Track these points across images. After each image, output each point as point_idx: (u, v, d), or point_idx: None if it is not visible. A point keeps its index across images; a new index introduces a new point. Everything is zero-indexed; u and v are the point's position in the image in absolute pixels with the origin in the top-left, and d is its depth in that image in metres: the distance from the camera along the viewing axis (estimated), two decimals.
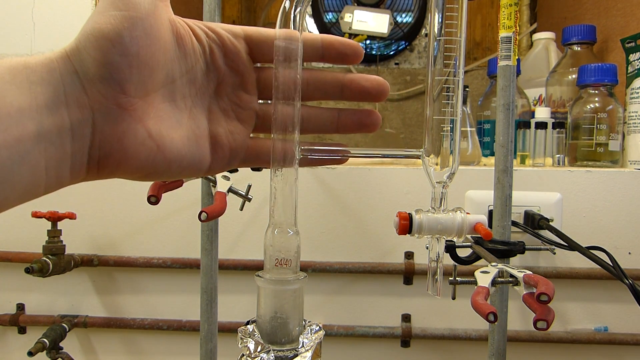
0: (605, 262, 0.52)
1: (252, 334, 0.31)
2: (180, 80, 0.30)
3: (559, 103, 0.98)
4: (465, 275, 0.42)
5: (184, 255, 0.83)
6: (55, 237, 0.77)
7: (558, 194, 0.79)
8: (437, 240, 0.34)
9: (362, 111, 0.34)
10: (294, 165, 0.31)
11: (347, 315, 0.84)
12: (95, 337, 0.87)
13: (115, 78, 0.25)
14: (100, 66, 0.25)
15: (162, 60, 0.28)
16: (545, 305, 0.30)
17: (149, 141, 0.27)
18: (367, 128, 0.34)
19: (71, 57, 0.25)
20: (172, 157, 0.29)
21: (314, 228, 0.83)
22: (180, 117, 0.30)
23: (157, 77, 0.28)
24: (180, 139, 0.29)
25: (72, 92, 0.25)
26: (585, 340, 0.80)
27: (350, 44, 0.32)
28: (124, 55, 0.25)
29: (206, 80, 0.31)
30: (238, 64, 0.31)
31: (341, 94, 0.33)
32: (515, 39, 0.56)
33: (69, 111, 0.25)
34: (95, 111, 0.26)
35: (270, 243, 0.31)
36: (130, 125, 0.27)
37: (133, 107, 0.27)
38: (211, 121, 0.31)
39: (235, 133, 0.32)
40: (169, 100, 0.29)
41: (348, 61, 0.32)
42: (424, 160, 0.34)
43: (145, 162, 0.28)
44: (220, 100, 0.32)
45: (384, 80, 0.33)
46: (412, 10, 1.33)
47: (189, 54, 0.29)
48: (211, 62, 0.31)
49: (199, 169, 0.31)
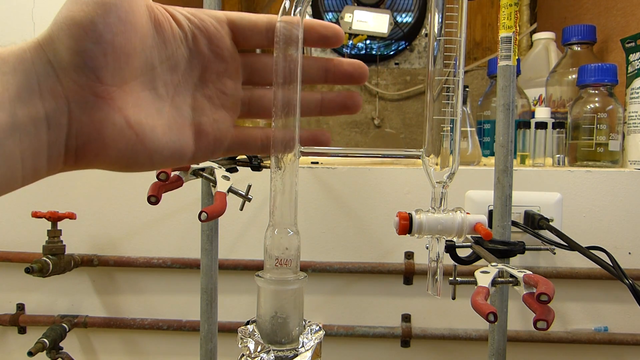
0: (605, 262, 0.52)
1: (252, 334, 0.31)
2: (161, 67, 0.29)
3: (559, 103, 0.98)
4: (465, 275, 0.42)
5: (184, 255, 0.83)
6: (55, 237, 0.77)
7: (558, 194, 0.79)
8: (437, 240, 0.34)
9: (345, 93, 0.34)
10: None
11: (347, 315, 0.84)
12: (95, 337, 0.87)
13: (89, 66, 0.25)
14: (73, 54, 0.25)
15: (140, 47, 0.27)
16: (545, 305, 0.30)
17: (128, 130, 0.27)
18: (349, 109, 0.34)
19: (44, 46, 0.25)
20: (153, 146, 0.28)
21: (314, 228, 0.83)
22: (162, 106, 0.29)
23: (134, 64, 0.27)
24: (162, 128, 0.29)
25: (45, 82, 0.25)
26: (585, 340, 0.80)
27: (330, 27, 0.32)
28: (97, 42, 0.25)
29: (189, 67, 0.31)
30: (222, 50, 0.31)
31: (325, 78, 0.33)
32: (515, 39, 0.56)
33: (43, 101, 0.25)
34: (71, 100, 0.25)
35: (270, 243, 0.31)
36: (108, 114, 0.26)
37: (110, 96, 0.26)
38: (195, 109, 0.31)
39: (219, 121, 0.32)
40: (149, 89, 0.29)
41: (329, 44, 0.32)
42: (424, 160, 0.34)
43: (125, 152, 0.27)
44: (205, 88, 0.32)
45: (363, 63, 0.33)
46: (412, 10, 1.33)
47: (169, 40, 0.29)
48: (194, 48, 0.30)
49: (181, 158, 0.30)
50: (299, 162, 0.32)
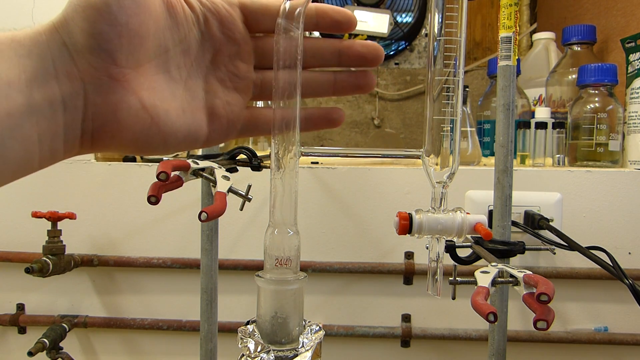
0: (605, 262, 0.52)
1: (252, 334, 0.31)
2: (174, 50, 0.29)
3: (559, 103, 0.98)
4: (465, 275, 0.42)
5: (184, 255, 0.83)
6: (55, 237, 0.77)
7: (558, 194, 0.79)
8: (437, 240, 0.34)
9: (358, 72, 0.34)
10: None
11: (347, 315, 0.84)
12: (95, 337, 0.87)
13: (104, 48, 0.25)
14: (88, 37, 0.25)
15: (153, 29, 0.27)
16: (545, 305, 0.29)
17: (143, 113, 0.27)
18: (362, 89, 0.34)
19: (59, 29, 0.25)
20: (167, 129, 0.28)
21: (314, 228, 0.83)
22: (175, 89, 0.29)
23: (148, 46, 0.27)
24: (175, 111, 0.29)
25: (61, 64, 0.25)
26: (585, 340, 0.80)
27: (343, 12, 0.31)
28: (112, 24, 0.25)
29: (202, 50, 0.31)
30: (234, 33, 0.31)
31: (338, 60, 0.33)
32: (515, 39, 0.56)
33: (59, 83, 0.25)
34: (86, 83, 0.26)
35: (270, 243, 0.31)
36: (123, 97, 0.26)
37: (125, 78, 0.26)
38: (208, 92, 0.31)
39: (232, 103, 0.32)
40: (163, 71, 0.29)
41: (341, 29, 0.32)
42: (424, 160, 0.34)
43: (140, 135, 0.27)
44: (217, 70, 0.32)
45: (379, 45, 0.33)
46: (412, 10, 1.33)
47: (182, 23, 0.29)
48: (206, 30, 0.30)
49: (195, 140, 0.31)
50: (299, 162, 0.32)
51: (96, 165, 0.84)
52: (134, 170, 0.84)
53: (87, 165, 0.84)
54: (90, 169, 0.84)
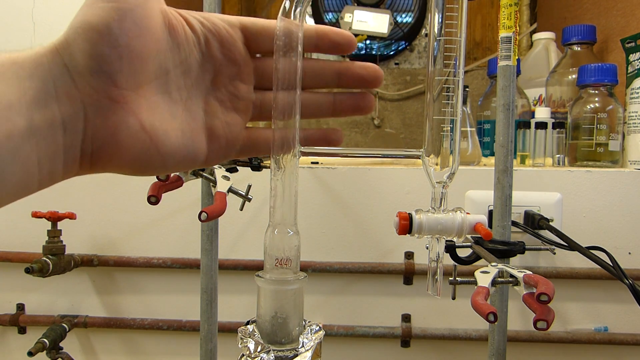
0: (605, 262, 0.52)
1: (252, 334, 0.31)
2: (174, 71, 0.29)
3: (559, 103, 0.98)
4: (465, 275, 0.42)
5: (184, 255, 0.83)
6: (55, 237, 0.77)
7: (558, 194, 0.79)
8: (437, 240, 0.34)
9: (357, 94, 0.34)
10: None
11: (347, 315, 0.84)
12: (95, 337, 0.87)
13: (105, 70, 0.25)
14: (89, 58, 0.25)
15: (154, 51, 0.27)
16: (545, 305, 0.30)
17: (143, 134, 0.27)
18: (361, 110, 0.34)
19: (60, 51, 0.25)
20: (166, 150, 0.28)
21: (314, 228, 0.83)
22: (175, 110, 0.29)
23: (149, 68, 0.27)
24: (175, 132, 0.29)
25: (62, 86, 0.25)
26: (585, 340, 0.80)
27: (343, 34, 0.32)
28: (113, 46, 0.25)
29: (202, 71, 0.31)
30: (235, 54, 0.31)
31: (338, 81, 0.33)
32: (515, 39, 0.56)
33: (59, 105, 0.25)
34: (87, 104, 0.25)
35: (270, 243, 0.31)
36: (123, 118, 0.26)
37: (125, 100, 0.26)
38: (207, 113, 0.31)
39: (231, 124, 0.32)
40: (163, 92, 0.29)
41: (341, 50, 0.32)
42: (424, 160, 0.34)
43: (139, 156, 0.27)
44: (217, 91, 0.32)
45: (378, 67, 0.33)
46: (412, 10, 1.33)
47: (183, 44, 0.29)
48: (207, 52, 0.30)
49: (194, 161, 0.31)
50: (299, 162, 0.32)
51: None
52: None
53: None
54: None
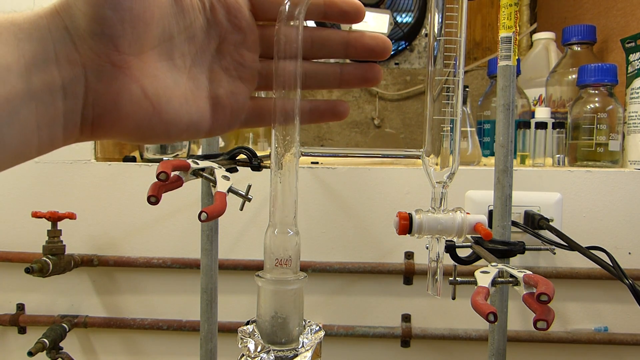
0: (605, 262, 0.52)
1: (252, 334, 0.31)
2: (179, 37, 0.28)
3: (559, 103, 0.98)
4: (465, 275, 0.42)
5: (184, 255, 0.83)
6: (55, 237, 0.77)
7: (558, 194, 0.79)
8: (437, 240, 0.34)
9: (365, 65, 0.33)
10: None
11: (347, 315, 0.84)
12: (95, 337, 0.87)
13: (107, 34, 0.25)
14: (91, 21, 0.24)
15: (158, 15, 0.27)
16: (545, 305, 0.29)
17: (145, 101, 0.27)
18: (369, 82, 0.33)
19: (61, 13, 0.25)
20: (169, 118, 0.28)
21: (314, 228, 0.83)
22: (179, 77, 0.29)
23: (152, 33, 0.27)
24: (178, 99, 0.28)
25: (62, 49, 0.24)
26: (585, 340, 0.80)
27: (352, 2, 0.31)
28: (116, 9, 0.24)
29: (207, 38, 0.30)
30: (240, 21, 0.30)
31: (345, 52, 0.32)
32: (515, 39, 0.56)
33: (59, 69, 0.24)
34: (88, 69, 0.25)
35: (270, 243, 0.31)
36: (125, 84, 0.26)
37: (127, 65, 0.26)
38: (212, 81, 0.31)
39: (236, 93, 0.31)
40: (167, 59, 0.28)
41: (350, 20, 0.31)
42: (424, 160, 0.34)
43: (142, 123, 0.27)
44: (222, 59, 0.31)
45: (387, 38, 0.32)
46: (412, 10, 1.33)
47: (187, 10, 0.28)
48: (212, 18, 0.30)
49: (198, 130, 0.30)
50: (299, 162, 0.32)
51: (96, 165, 0.84)
52: (134, 170, 0.84)
53: (87, 165, 0.84)
54: (90, 169, 0.84)
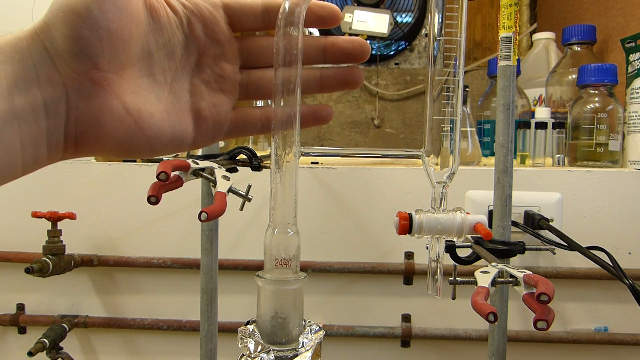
0: (605, 262, 0.52)
1: (252, 334, 0.31)
2: (158, 53, 0.29)
3: (559, 103, 0.98)
4: (465, 275, 0.42)
5: (184, 255, 0.83)
6: (55, 237, 0.77)
7: (558, 194, 0.79)
8: (437, 240, 0.34)
9: (345, 68, 0.33)
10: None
11: (347, 315, 0.84)
12: (95, 337, 0.87)
13: (85, 53, 0.25)
14: (69, 41, 0.25)
15: (136, 33, 0.27)
16: (545, 305, 0.29)
17: (127, 117, 0.27)
18: (349, 84, 0.33)
19: (40, 34, 0.25)
20: (152, 133, 0.28)
21: (314, 228, 0.83)
22: (160, 92, 0.29)
23: (131, 50, 0.27)
24: (160, 114, 0.29)
25: (42, 69, 0.25)
26: (585, 340, 0.80)
27: (327, 7, 0.31)
28: (93, 29, 0.25)
29: (186, 53, 0.31)
30: (218, 34, 0.31)
31: (324, 57, 0.32)
32: (515, 39, 0.56)
33: (40, 89, 0.25)
34: (68, 87, 0.25)
35: (270, 243, 0.31)
36: (106, 101, 0.26)
37: (107, 82, 0.26)
38: (193, 94, 0.31)
39: (218, 105, 0.32)
40: (147, 75, 0.29)
41: (326, 24, 0.31)
42: (424, 160, 0.34)
43: (124, 139, 0.27)
44: (203, 73, 0.32)
45: (364, 40, 0.32)
46: (412, 10, 1.33)
47: (165, 26, 0.29)
48: (190, 33, 0.30)
49: (182, 143, 0.31)
50: (299, 162, 0.32)
51: (96, 165, 0.84)
52: (134, 170, 0.84)
53: (87, 165, 0.84)
54: (90, 169, 0.84)
